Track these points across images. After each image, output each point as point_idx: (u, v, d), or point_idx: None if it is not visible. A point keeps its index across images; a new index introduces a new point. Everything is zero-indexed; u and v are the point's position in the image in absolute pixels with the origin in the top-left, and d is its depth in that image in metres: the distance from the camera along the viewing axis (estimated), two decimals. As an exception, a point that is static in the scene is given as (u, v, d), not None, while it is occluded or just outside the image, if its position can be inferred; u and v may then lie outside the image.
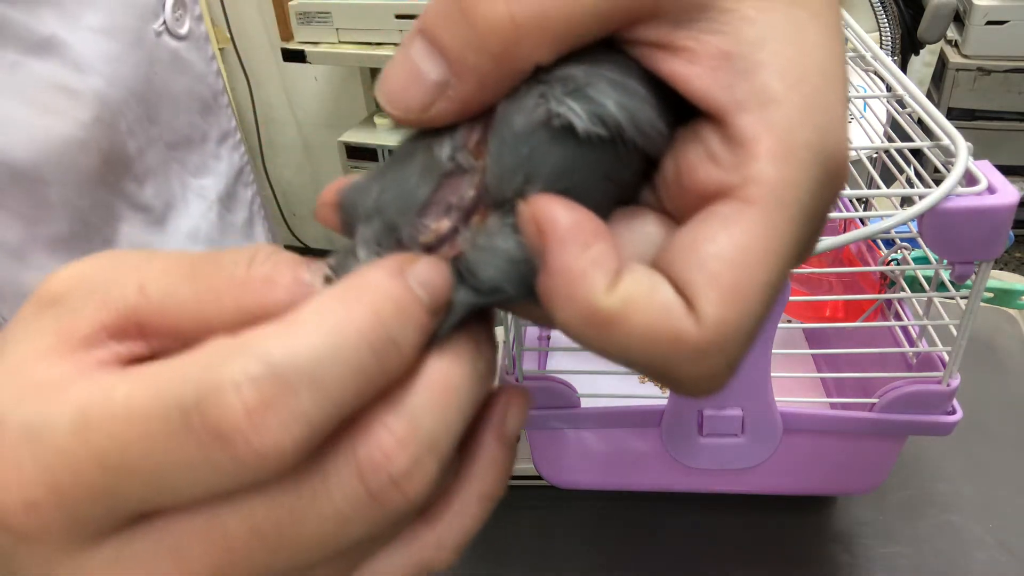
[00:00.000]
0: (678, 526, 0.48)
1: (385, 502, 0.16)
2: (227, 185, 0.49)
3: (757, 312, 0.16)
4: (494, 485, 0.20)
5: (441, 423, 0.16)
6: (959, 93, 2.00)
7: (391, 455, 0.16)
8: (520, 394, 0.20)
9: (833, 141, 0.17)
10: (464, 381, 0.17)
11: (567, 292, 0.16)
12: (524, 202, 0.17)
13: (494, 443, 0.19)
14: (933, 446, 0.51)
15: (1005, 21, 1.90)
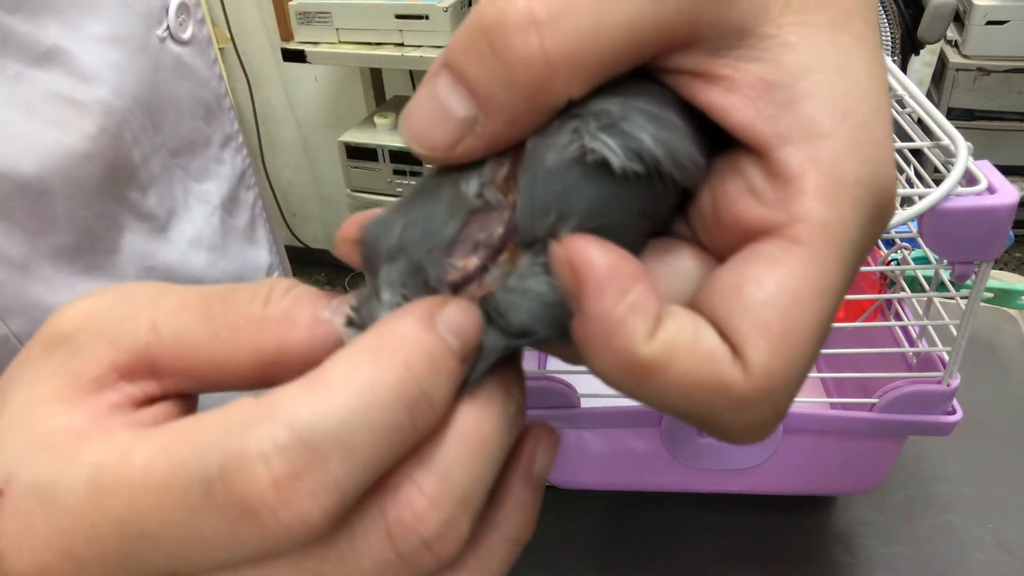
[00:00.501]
0: (678, 526, 0.48)
1: (416, 564, 0.15)
2: (230, 189, 0.49)
3: (806, 358, 0.15)
4: (522, 529, 0.18)
5: (474, 477, 0.16)
6: (959, 93, 2.00)
7: (423, 517, 0.15)
8: (548, 433, 0.19)
9: (883, 175, 0.16)
10: (496, 429, 0.16)
11: (605, 340, 0.15)
12: (557, 242, 0.16)
13: (522, 486, 0.18)
14: (933, 446, 0.51)
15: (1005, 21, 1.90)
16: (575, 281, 0.15)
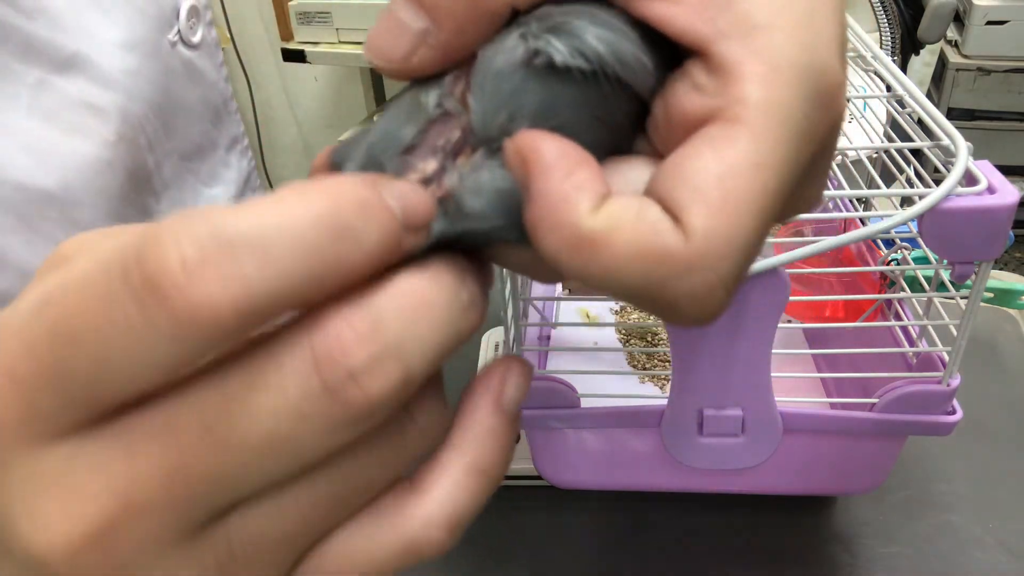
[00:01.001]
0: (678, 526, 0.48)
1: (343, 399, 0.15)
2: (236, 192, 0.49)
3: (749, 227, 0.15)
4: (491, 458, 0.18)
5: (409, 331, 0.15)
6: (959, 93, 2.00)
7: (349, 348, 0.15)
8: (520, 363, 0.19)
9: (823, 58, 0.16)
10: (440, 300, 0.16)
11: (551, 217, 0.16)
12: (510, 139, 0.17)
13: (490, 410, 0.19)
14: (933, 446, 0.51)
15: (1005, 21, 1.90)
16: (524, 167, 0.16)
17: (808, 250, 0.32)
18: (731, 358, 0.37)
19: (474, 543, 0.47)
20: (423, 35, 0.17)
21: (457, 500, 0.18)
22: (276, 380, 0.15)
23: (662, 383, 0.51)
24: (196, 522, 0.16)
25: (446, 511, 0.18)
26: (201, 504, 0.16)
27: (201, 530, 0.16)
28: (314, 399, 0.15)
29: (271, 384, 0.15)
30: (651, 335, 0.55)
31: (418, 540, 0.18)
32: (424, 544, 0.18)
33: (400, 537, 0.18)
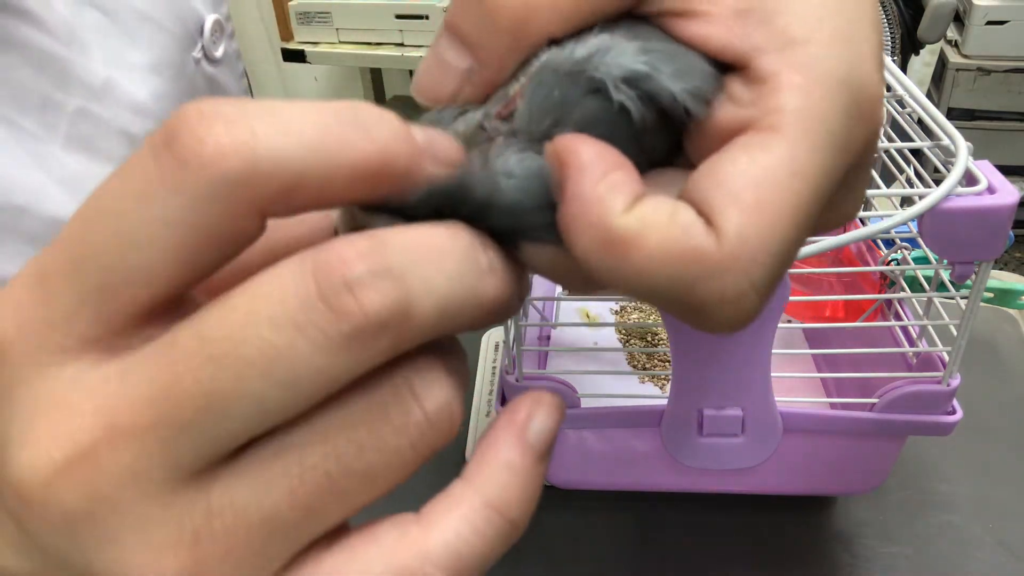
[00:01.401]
0: (678, 526, 0.48)
1: (338, 307, 0.14)
2: None
3: (783, 233, 0.15)
4: (510, 498, 0.17)
5: (414, 265, 0.15)
6: (959, 93, 2.00)
7: (348, 260, 0.15)
8: (551, 397, 0.18)
9: (862, 71, 0.16)
10: (453, 250, 0.16)
11: (584, 216, 0.15)
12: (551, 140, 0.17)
13: (511, 444, 0.17)
14: (933, 446, 0.51)
15: (1005, 21, 1.90)
16: (561, 167, 0.16)
17: (808, 250, 0.32)
18: (731, 358, 0.37)
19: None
20: (468, 74, 0.18)
21: (464, 539, 0.16)
22: (274, 288, 0.15)
23: (662, 383, 0.51)
24: (179, 466, 0.15)
25: (449, 548, 0.16)
26: (187, 439, 0.15)
27: (183, 483, 0.15)
28: (309, 307, 0.14)
29: (269, 293, 0.15)
30: (651, 335, 0.55)
31: (412, 574, 0.16)
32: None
33: (391, 567, 0.16)
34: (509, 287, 0.17)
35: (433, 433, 0.16)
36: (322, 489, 0.16)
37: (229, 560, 0.15)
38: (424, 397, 0.16)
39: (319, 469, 0.16)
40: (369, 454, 0.16)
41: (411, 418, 0.16)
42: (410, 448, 0.16)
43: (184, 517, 0.15)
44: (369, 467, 0.16)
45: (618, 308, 0.58)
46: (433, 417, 0.16)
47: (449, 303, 0.16)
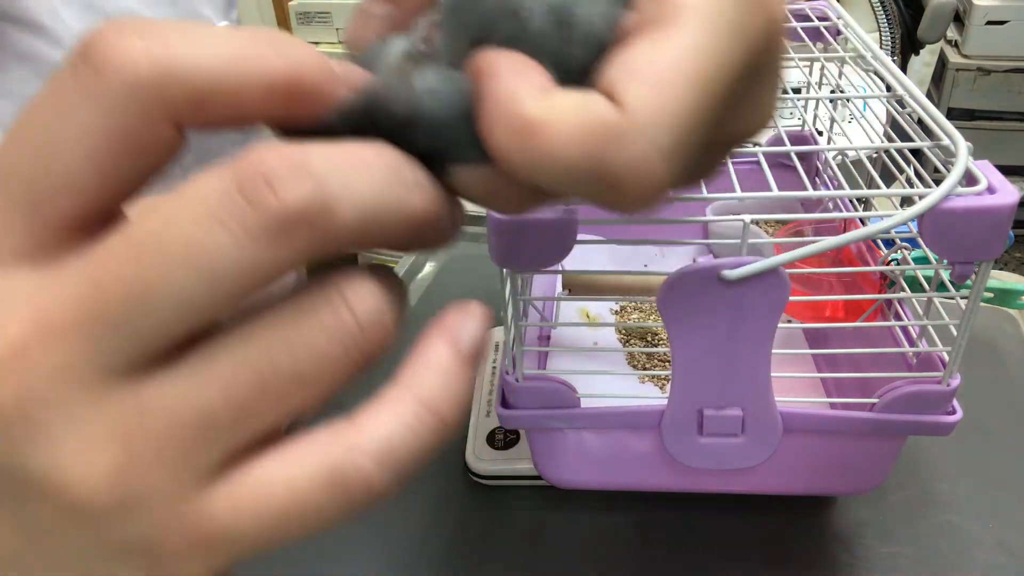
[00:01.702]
0: (678, 526, 0.48)
1: (257, 201, 0.15)
2: None
3: (682, 100, 0.16)
4: (440, 397, 0.17)
5: (335, 171, 0.16)
6: (959, 93, 2.00)
7: (268, 161, 0.15)
8: (478, 307, 0.19)
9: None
10: (375, 163, 0.16)
11: (498, 110, 0.16)
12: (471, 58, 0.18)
13: (442, 347, 0.18)
14: (933, 446, 0.52)
15: (1005, 21, 1.90)
16: (479, 77, 0.17)
17: (808, 250, 0.32)
18: (731, 358, 0.37)
19: (473, 543, 0.47)
20: (389, 18, 0.20)
21: (396, 432, 0.17)
22: (197, 189, 0.15)
23: (662, 383, 0.51)
24: (110, 363, 0.15)
25: (380, 441, 0.17)
26: (116, 335, 0.15)
27: (115, 381, 0.16)
28: (230, 201, 0.15)
29: (192, 194, 0.15)
30: (651, 335, 0.55)
31: (343, 467, 0.16)
32: (351, 473, 0.16)
33: (323, 463, 0.17)
34: (438, 206, 0.18)
35: (365, 339, 0.17)
36: (255, 388, 0.16)
37: (162, 457, 0.16)
38: (355, 304, 0.17)
39: (251, 368, 0.16)
40: (301, 355, 0.16)
41: (343, 322, 0.17)
42: (342, 352, 0.17)
43: (116, 414, 0.16)
44: (301, 368, 0.16)
45: (618, 308, 0.58)
46: (364, 323, 0.17)
47: (371, 209, 0.16)
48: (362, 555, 0.47)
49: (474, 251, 0.78)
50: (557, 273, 0.56)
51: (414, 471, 0.17)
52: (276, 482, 0.17)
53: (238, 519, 0.16)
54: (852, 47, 0.46)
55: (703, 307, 0.35)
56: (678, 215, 0.34)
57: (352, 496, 0.17)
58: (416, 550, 0.47)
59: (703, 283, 0.34)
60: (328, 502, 0.17)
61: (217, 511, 0.16)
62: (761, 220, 0.38)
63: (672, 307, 0.35)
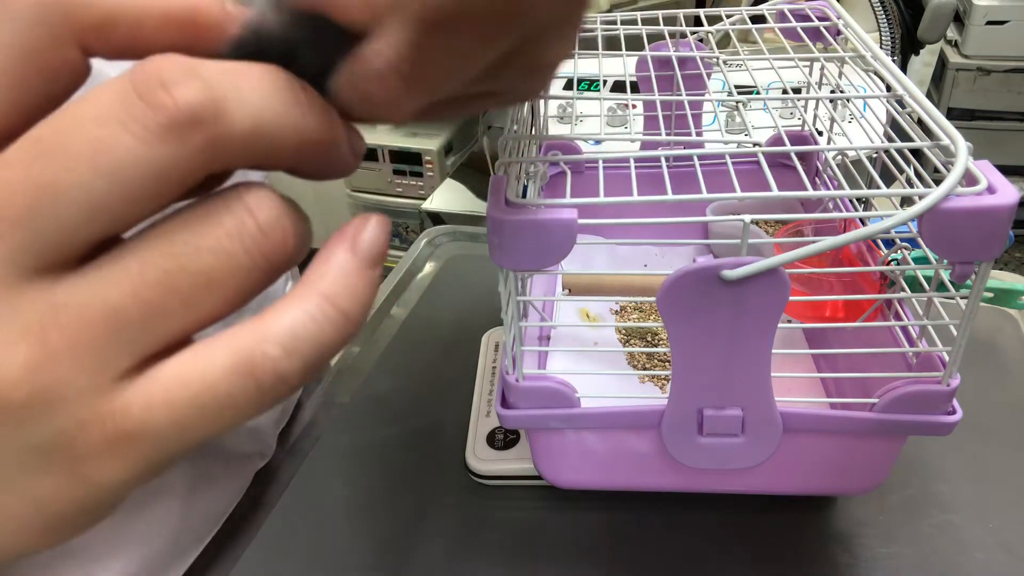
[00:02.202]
0: (678, 526, 0.48)
1: (152, 102, 0.16)
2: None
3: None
4: (340, 292, 0.18)
5: (228, 82, 0.17)
6: (959, 93, 2.00)
7: (163, 66, 0.16)
8: (379, 216, 0.20)
9: None
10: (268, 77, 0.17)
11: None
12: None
13: (341, 251, 0.19)
14: (933, 446, 0.51)
15: (1005, 21, 1.90)
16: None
17: (808, 250, 0.32)
18: (731, 358, 0.37)
19: (473, 543, 0.47)
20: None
21: (301, 322, 0.18)
22: (98, 94, 0.16)
23: (662, 383, 0.51)
24: (20, 261, 0.16)
25: (286, 330, 0.18)
26: (24, 233, 0.16)
27: (27, 280, 0.16)
28: (128, 103, 0.16)
29: (94, 98, 0.16)
30: (651, 335, 0.55)
31: (252, 355, 0.17)
32: (259, 359, 0.17)
33: (233, 352, 0.17)
34: (332, 126, 0.19)
35: (267, 242, 0.18)
36: (163, 287, 0.17)
37: (75, 353, 0.17)
38: (256, 209, 0.18)
39: (159, 267, 0.17)
40: (205, 255, 0.17)
41: (244, 224, 0.18)
42: (244, 252, 0.18)
43: (30, 312, 0.17)
44: (206, 267, 0.17)
45: (618, 308, 0.58)
46: (265, 227, 0.18)
47: (264, 120, 0.17)
48: (361, 555, 0.47)
49: (474, 251, 0.78)
50: (557, 273, 0.56)
51: (321, 365, 0.18)
52: (188, 374, 0.17)
53: (152, 413, 0.17)
54: (852, 47, 0.46)
55: (703, 307, 0.35)
56: (678, 215, 0.34)
57: (262, 383, 0.18)
58: (416, 550, 0.47)
59: (703, 283, 0.34)
60: (239, 390, 0.17)
61: (132, 406, 0.17)
62: (761, 220, 0.38)
63: (672, 307, 0.35)
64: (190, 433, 0.18)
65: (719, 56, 0.46)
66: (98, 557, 0.40)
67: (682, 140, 0.44)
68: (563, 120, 1.00)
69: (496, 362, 0.59)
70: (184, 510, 0.45)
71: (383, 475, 0.53)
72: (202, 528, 0.47)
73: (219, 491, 0.48)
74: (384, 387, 0.61)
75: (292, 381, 0.18)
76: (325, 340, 0.18)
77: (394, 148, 1.86)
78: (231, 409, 0.18)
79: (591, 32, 0.52)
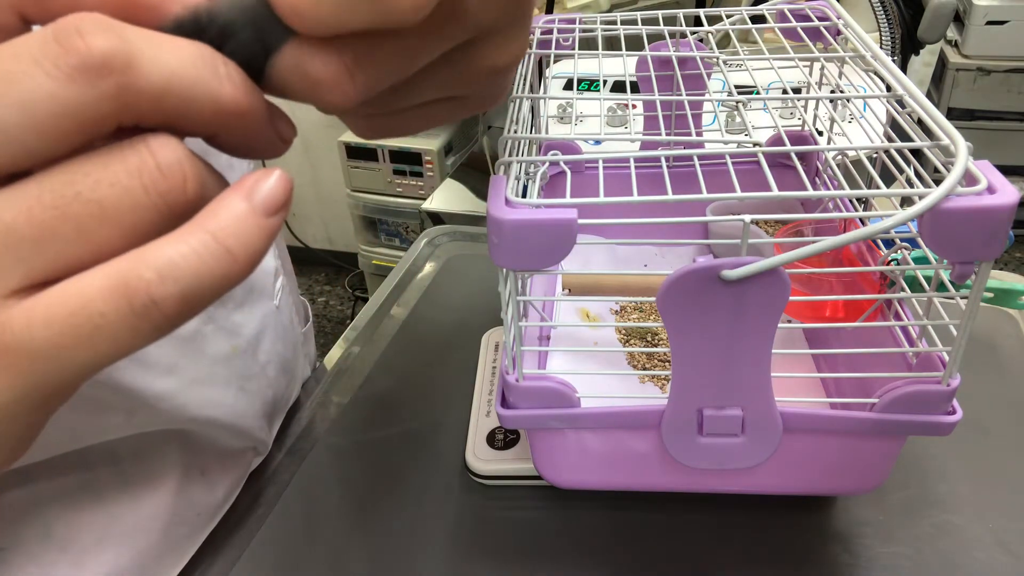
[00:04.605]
0: (678, 526, 0.48)
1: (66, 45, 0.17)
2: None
3: None
4: (228, 231, 0.19)
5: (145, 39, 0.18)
6: (959, 93, 2.00)
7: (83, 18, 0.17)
8: (278, 172, 0.21)
9: None
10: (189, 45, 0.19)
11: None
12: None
13: (235, 198, 0.20)
14: (933, 446, 0.52)
15: (1005, 21, 1.90)
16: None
17: (808, 250, 0.32)
18: (731, 358, 0.37)
19: (473, 543, 0.47)
20: None
21: (180, 252, 0.18)
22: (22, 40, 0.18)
23: (662, 383, 0.51)
24: None
25: (165, 258, 0.18)
26: None
27: None
28: (45, 45, 0.17)
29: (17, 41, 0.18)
30: (651, 335, 0.55)
31: (127, 277, 0.18)
32: (134, 281, 0.18)
33: (111, 274, 0.18)
34: (253, 102, 0.20)
35: (164, 181, 0.19)
36: (57, 211, 0.18)
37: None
38: (158, 151, 0.19)
39: (55, 192, 0.18)
40: (104, 187, 0.18)
41: (144, 162, 0.18)
42: (141, 188, 0.18)
43: None
44: (101, 196, 0.18)
45: (618, 308, 0.58)
46: (164, 167, 0.19)
47: (177, 80, 0.18)
48: (361, 555, 0.47)
49: (474, 251, 0.78)
50: (557, 273, 0.56)
51: (204, 301, 0.19)
52: (67, 294, 0.18)
53: (31, 331, 0.18)
54: (852, 47, 0.46)
55: (703, 307, 0.35)
56: (678, 215, 0.34)
57: (134, 305, 0.18)
58: (416, 550, 0.47)
59: (703, 283, 0.34)
60: (112, 310, 0.18)
61: (14, 322, 0.18)
62: (761, 220, 0.38)
63: (672, 307, 0.35)
64: (67, 353, 0.18)
65: (719, 56, 0.46)
66: (88, 550, 0.40)
67: (682, 140, 0.44)
68: (563, 120, 1.00)
69: (496, 362, 0.59)
70: (175, 504, 0.45)
71: (383, 475, 0.53)
72: (196, 523, 0.47)
73: (211, 485, 0.48)
74: (384, 387, 0.61)
75: (166, 309, 0.18)
76: (204, 272, 0.19)
77: (394, 148, 1.86)
78: (106, 331, 0.18)
79: (591, 32, 0.52)
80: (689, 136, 0.42)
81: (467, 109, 0.28)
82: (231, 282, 0.19)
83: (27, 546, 0.38)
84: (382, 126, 0.27)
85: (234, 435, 0.48)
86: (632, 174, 0.35)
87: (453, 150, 1.92)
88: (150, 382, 0.38)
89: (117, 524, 0.42)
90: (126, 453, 0.42)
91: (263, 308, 0.50)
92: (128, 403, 0.38)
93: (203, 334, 0.43)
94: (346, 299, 2.41)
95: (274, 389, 0.52)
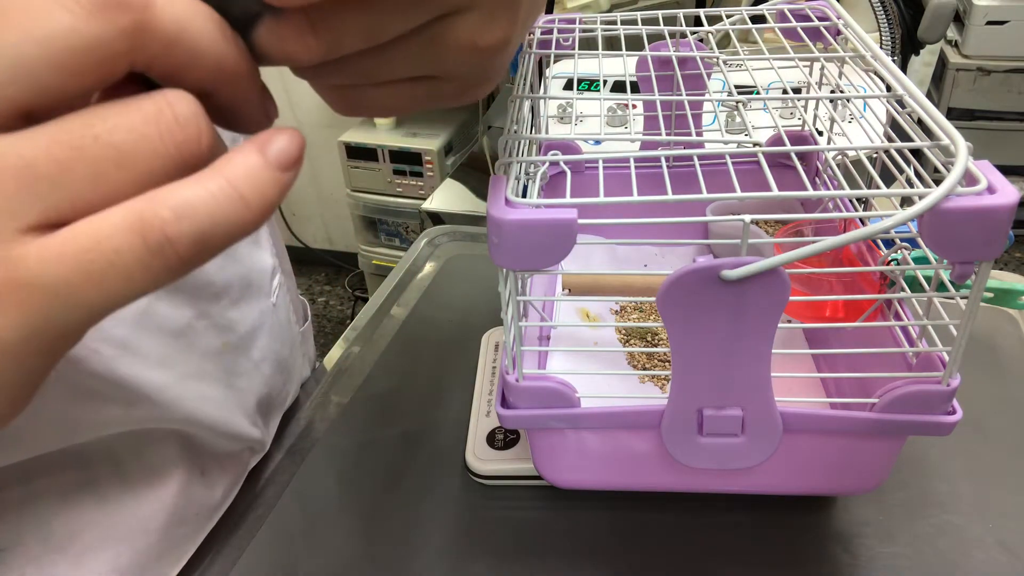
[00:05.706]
0: (678, 526, 0.48)
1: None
2: None
3: None
4: (242, 178, 0.20)
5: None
6: (959, 93, 2.00)
7: None
8: (290, 129, 0.21)
9: None
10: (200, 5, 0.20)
11: None
12: None
13: (250, 150, 0.20)
14: (933, 446, 0.52)
15: (1005, 21, 1.90)
16: None
17: (808, 250, 0.32)
18: (731, 358, 0.37)
19: (473, 543, 0.47)
20: None
21: (196, 194, 0.19)
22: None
23: (662, 383, 0.51)
24: None
25: (181, 198, 0.19)
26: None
27: None
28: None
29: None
30: (651, 335, 0.55)
31: (143, 214, 0.18)
32: (149, 218, 0.18)
33: (127, 211, 0.18)
34: (249, 66, 0.21)
35: (180, 132, 0.19)
36: (75, 150, 0.18)
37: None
38: (175, 103, 0.19)
39: (74, 133, 0.18)
40: (121, 132, 0.18)
41: (161, 111, 0.19)
42: (157, 137, 0.19)
43: None
44: (119, 143, 0.18)
45: (618, 308, 0.58)
46: (181, 119, 0.19)
47: (188, 30, 0.19)
48: (360, 555, 0.47)
49: (474, 251, 0.78)
50: (557, 273, 0.56)
51: (216, 246, 0.19)
52: (82, 231, 0.18)
53: (45, 266, 0.18)
54: (852, 47, 0.46)
55: (703, 307, 0.35)
56: (678, 215, 0.34)
57: (149, 242, 0.18)
58: (416, 550, 0.47)
59: (703, 283, 0.34)
60: (126, 247, 0.18)
61: (28, 256, 0.18)
62: (761, 220, 0.38)
63: (672, 307, 0.35)
64: (78, 291, 0.18)
65: (719, 56, 0.46)
66: (88, 550, 0.40)
67: (682, 140, 0.44)
68: (563, 120, 1.00)
69: (496, 362, 0.59)
70: (175, 504, 0.45)
71: (383, 475, 0.53)
72: (195, 522, 0.47)
73: (210, 485, 0.48)
74: (384, 387, 0.61)
75: (180, 249, 0.19)
76: (219, 216, 0.19)
77: (394, 148, 1.86)
78: (120, 268, 0.18)
79: (591, 32, 0.52)
80: (689, 136, 0.42)
81: (449, 94, 0.27)
82: (243, 230, 0.20)
83: (27, 546, 0.38)
84: (356, 100, 0.27)
85: (224, 434, 0.48)
86: (632, 174, 0.35)
87: (453, 150, 1.92)
88: (142, 372, 0.38)
89: (117, 524, 0.42)
90: (126, 453, 0.42)
91: (259, 305, 0.50)
92: (123, 394, 0.38)
93: (195, 329, 0.43)
94: (346, 299, 2.41)
95: (269, 387, 0.52)
